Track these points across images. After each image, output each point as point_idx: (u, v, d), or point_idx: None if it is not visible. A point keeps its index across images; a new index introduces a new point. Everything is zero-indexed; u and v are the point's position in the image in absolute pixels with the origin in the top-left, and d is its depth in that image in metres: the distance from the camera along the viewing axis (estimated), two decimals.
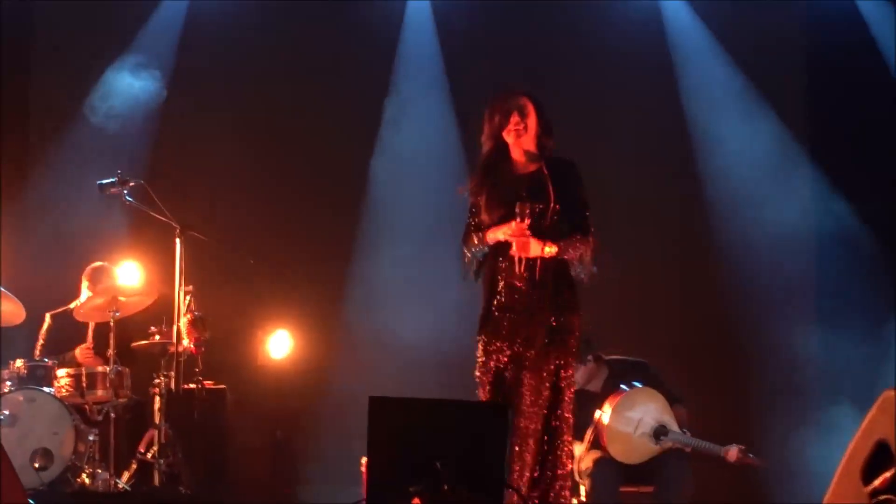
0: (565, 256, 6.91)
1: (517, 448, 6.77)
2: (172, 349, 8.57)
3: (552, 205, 6.92)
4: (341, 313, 10.72)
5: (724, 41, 10.81)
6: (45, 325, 9.51)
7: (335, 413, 10.28)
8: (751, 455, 8.31)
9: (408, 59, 10.90)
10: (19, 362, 8.90)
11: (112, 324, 8.84)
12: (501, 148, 7.12)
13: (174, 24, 10.83)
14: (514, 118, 7.06)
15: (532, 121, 7.10)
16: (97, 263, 9.54)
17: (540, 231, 6.85)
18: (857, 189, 10.60)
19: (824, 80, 10.79)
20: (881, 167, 10.51)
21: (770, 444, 9.70)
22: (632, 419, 8.13)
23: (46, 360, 9.11)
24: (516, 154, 7.14)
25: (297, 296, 10.58)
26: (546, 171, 7.04)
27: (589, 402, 8.06)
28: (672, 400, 8.31)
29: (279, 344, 9.23)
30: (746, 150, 10.76)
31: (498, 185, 7.04)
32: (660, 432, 8.23)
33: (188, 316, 8.63)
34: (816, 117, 10.86)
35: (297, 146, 10.72)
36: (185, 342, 8.64)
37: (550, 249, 6.85)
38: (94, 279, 9.43)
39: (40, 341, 9.48)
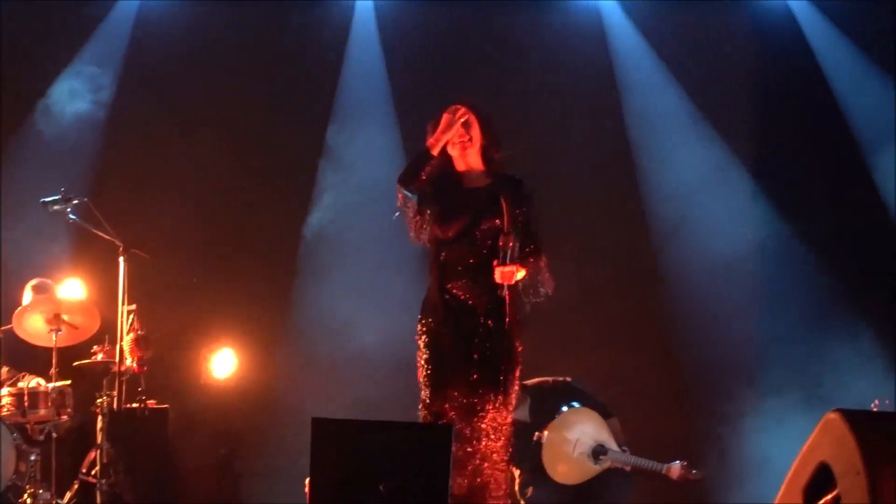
0: (526, 280, 6.87)
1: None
2: (115, 368, 8.51)
3: (506, 224, 6.81)
4: (285, 332, 10.70)
5: (670, 64, 10.87)
6: None
7: (280, 432, 10.25)
8: (693, 471, 8.36)
9: (354, 77, 10.89)
10: None
11: (54, 343, 8.77)
12: (446, 160, 7.01)
13: (119, 39, 10.78)
14: (459, 130, 6.96)
15: (477, 133, 6.99)
16: (40, 279, 9.46)
17: (496, 252, 6.76)
18: (799, 208, 10.71)
19: (767, 102, 10.89)
20: (822, 187, 10.64)
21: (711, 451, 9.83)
22: (569, 440, 8.17)
23: None
24: (461, 167, 7.04)
25: (242, 314, 10.56)
26: (497, 188, 6.94)
27: (521, 431, 8.07)
28: (605, 415, 8.36)
29: (223, 363, 9.19)
30: (689, 171, 10.82)
31: (449, 198, 6.93)
32: (598, 451, 8.28)
33: (131, 335, 8.58)
34: (760, 138, 10.94)
35: (243, 163, 10.67)
36: (128, 361, 8.59)
37: (521, 274, 6.81)
38: (37, 290, 9.34)
39: None
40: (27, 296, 9.35)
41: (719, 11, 10.88)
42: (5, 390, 8.90)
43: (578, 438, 8.28)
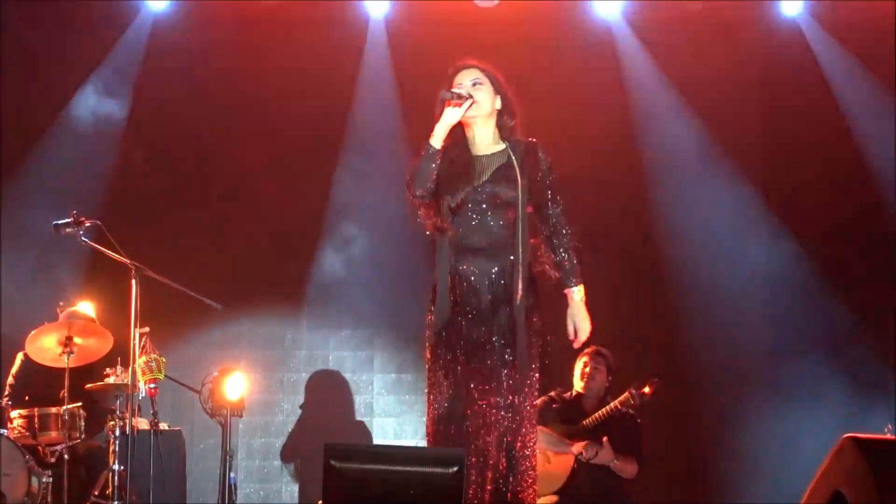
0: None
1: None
2: (127, 391, 8.50)
3: (518, 196, 6.24)
4: (297, 355, 10.72)
5: (684, 94, 10.87)
6: (17, 365, 9.48)
7: (292, 455, 10.28)
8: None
9: (368, 93, 10.88)
10: None
11: (66, 365, 8.79)
12: (455, 127, 6.31)
13: (132, 65, 10.81)
14: (463, 91, 6.33)
15: (487, 94, 6.40)
16: (73, 309, 9.49)
17: (510, 226, 6.25)
18: (811, 236, 10.70)
19: (776, 120, 10.90)
20: (833, 214, 10.63)
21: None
22: None
23: (3, 400, 9.06)
24: (470, 133, 6.41)
25: (254, 337, 10.59)
26: (511, 156, 6.35)
27: None
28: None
29: (235, 385, 9.16)
30: (705, 203, 10.83)
31: (457, 166, 6.33)
32: None
33: (143, 357, 8.58)
34: (772, 165, 10.95)
35: (255, 186, 10.69)
36: (141, 384, 8.58)
37: (581, 295, 6.39)
38: (69, 318, 9.36)
39: (10, 380, 9.43)
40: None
41: (729, 32, 10.87)
42: (16, 412, 8.92)
43: None
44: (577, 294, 6.38)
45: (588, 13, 10.98)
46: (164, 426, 9.02)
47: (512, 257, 6.25)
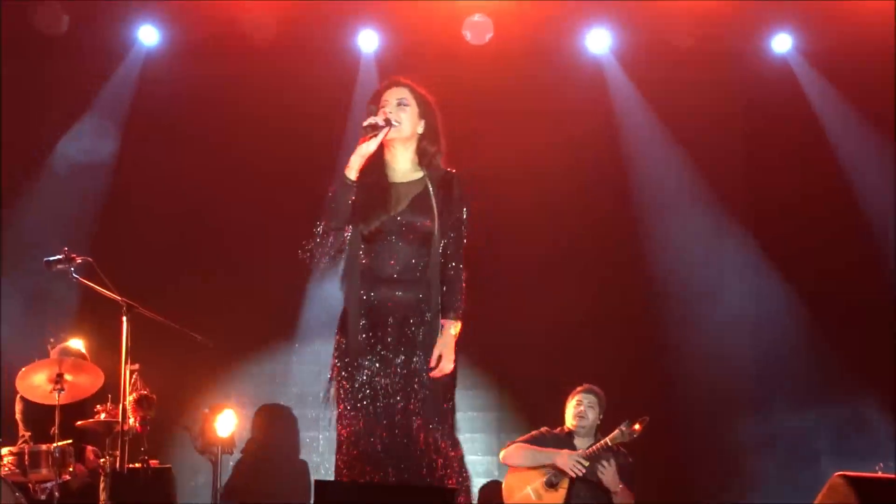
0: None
1: None
2: (118, 428, 8.47)
3: (435, 227, 6.12)
4: (288, 392, 10.70)
5: (673, 130, 10.91)
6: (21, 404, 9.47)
7: (283, 492, 10.24)
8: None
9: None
10: None
11: (57, 401, 8.77)
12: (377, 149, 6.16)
13: (123, 99, 10.86)
14: (386, 110, 6.20)
15: (412, 119, 6.26)
16: (63, 345, 9.49)
17: (425, 256, 6.11)
18: (796, 271, 10.71)
19: (764, 157, 10.93)
20: (818, 247, 10.65)
21: None
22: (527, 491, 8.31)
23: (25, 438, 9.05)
24: (389, 155, 6.27)
25: (244, 374, 10.57)
26: (429, 185, 6.21)
27: None
28: None
29: (225, 422, 9.15)
30: (689, 238, 10.84)
31: (371, 192, 6.15)
32: (552, 478, 8.41)
33: (134, 394, 8.56)
34: (757, 197, 10.98)
35: (245, 222, 10.70)
36: (131, 421, 8.56)
37: (456, 330, 6.19)
38: (60, 354, 9.35)
39: (19, 416, 9.41)
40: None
41: (718, 69, 10.91)
42: (6, 449, 8.89)
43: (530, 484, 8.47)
44: (452, 328, 6.18)
45: (579, 49, 11.01)
46: (154, 463, 8.99)
47: (426, 287, 6.14)
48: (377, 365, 6.13)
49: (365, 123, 6.15)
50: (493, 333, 10.09)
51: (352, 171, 6.09)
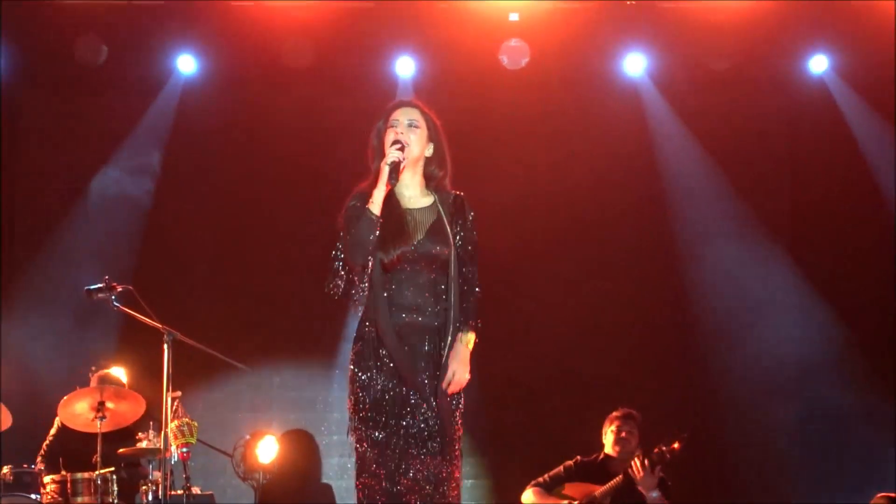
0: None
1: None
2: (160, 455, 8.49)
3: (451, 253, 6.03)
4: (330, 418, 10.69)
5: (711, 152, 10.88)
6: (55, 429, 9.50)
7: None
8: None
9: None
10: (5, 469, 8.84)
11: (99, 430, 8.80)
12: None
13: (162, 128, 10.90)
14: (396, 130, 6.13)
15: (421, 142, 6.14)
16: (104, 371, 9.54)
17: (444, 283, 6.04)
18: (845, 306, 10.64)
19: (805, 182, 10.89)
20: (859, 269, 10.58)
21: None
22: None
23: (33, 465, 9.06)
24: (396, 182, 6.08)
25: (285, 400, 10.58)
26: (441, 211, 6.11)
27: None
28: None
29: (267, 449, 9.16)
30: (730, 262, 10.79)
31: (389, 221, 5.98)
32: None
33: (175, 422, 8.58)
34: (799, 219, 10.93)
35: (284, 250, 10.73)
36: (173, 448, 8.57)
37: (469, 342, 6.03)
38: (100, 381, 9.40)
39: (47, 441, 9.45)
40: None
41: (755, 91, 10.88)
42: (49, 478, 8.92)
43: None
44: (465, 338, 6.04)
45: (616, 73, 11.00)
46: (196, 490, 8.99)
47: (445, 315, 6.05)
48: (397, 390, 6.02)
49: (389, 161, 6.03)
50: (525, 356, 10.12)
51: (376, 207, 5.98)
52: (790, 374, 10.75)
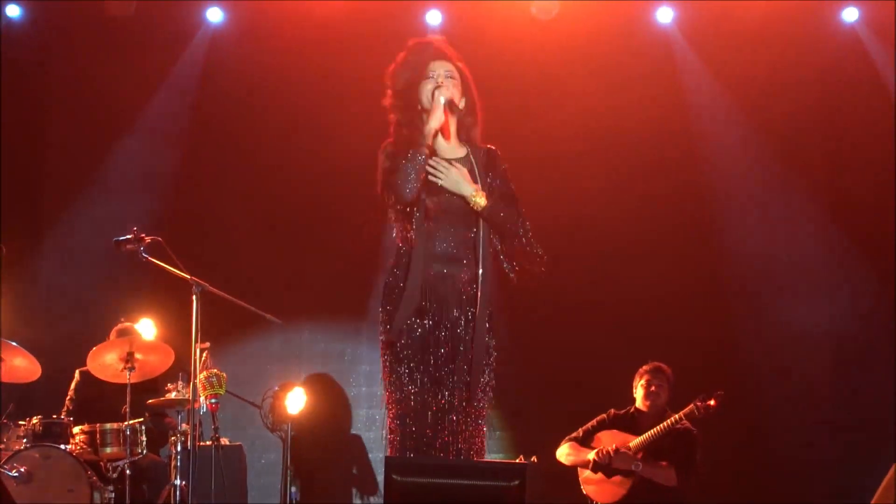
0: (496, 221, 6.15)
1: None
2: (188, 406, 8.50)
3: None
4: (359, 370, 10.70)
5: (740, 100, 10.77)
6: (75, 381, 9.55)
7: (351, 470, 10.25)
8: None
9: None
10: (35, 419, 8.89)
11: (128, 380, 8.83)
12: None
13: (192, 77, 10.89)
14: (437, 81, 6.16)
15: (457, 89, 6.20)
16: (125, 324, 9.57)
17: (477, 233, 6.12)
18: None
19: (839, 135, 10.79)
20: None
21: None
22: None
23: (63, 416, 9.11)
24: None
25: (314, 352, 10.58)
26: (474, 163, 6.20)
27: None
28: None
29: (295, 400, 9.16)
30: (763, 220, 10.72)
31: (423, 166, 6.08)
32: None
33: (204, 373, 8.57)
34: (835, 176, 10.83)
35: (315, 200, 10.70)
36: (202, 399, 8.58)
37: (480, 199, 6.08)
38: (119, 334, 9.45)
39: (70, 395, 9.51)
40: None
41: (787, 41, 10.76)
42: (78, 428, 8.97)
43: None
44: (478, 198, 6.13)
45: (647, 24, 10.90)
46: (225, 441, 9.02)
47: (477, 263, 6.14)
48: (430, 340, 6.13)
49: (446, 98, 6.10)
50: (551, 325, 10.08)
51: (429, 138, 6.09)
52: (825, 354, 10.68)
